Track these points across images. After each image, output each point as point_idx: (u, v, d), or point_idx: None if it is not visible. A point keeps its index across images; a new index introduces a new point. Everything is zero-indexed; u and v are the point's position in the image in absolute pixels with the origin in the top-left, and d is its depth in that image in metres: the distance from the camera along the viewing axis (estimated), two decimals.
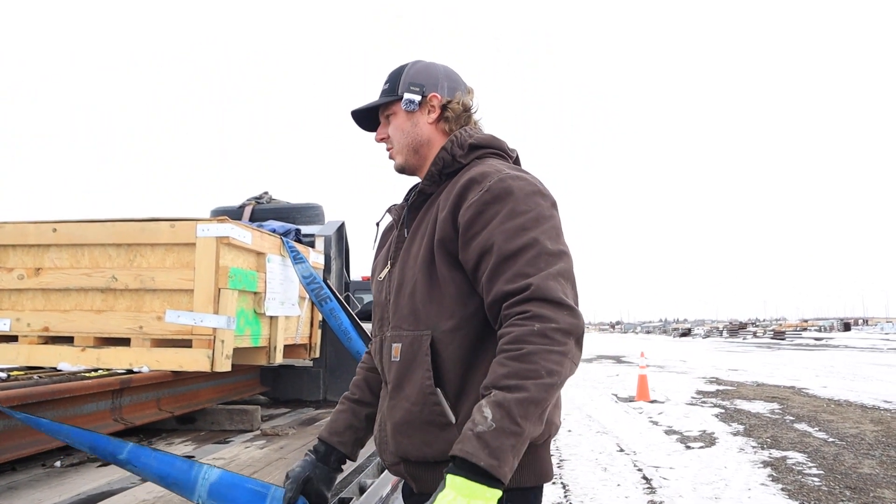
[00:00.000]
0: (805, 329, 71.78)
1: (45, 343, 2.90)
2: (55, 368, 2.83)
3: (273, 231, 3.48)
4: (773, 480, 5.88)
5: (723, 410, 10.26)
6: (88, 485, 2.08)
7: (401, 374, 1.47)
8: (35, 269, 2.90)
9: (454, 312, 1.43)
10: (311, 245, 3.99)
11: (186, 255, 2.82)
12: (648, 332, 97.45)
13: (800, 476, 6.00)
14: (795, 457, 6.81)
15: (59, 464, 2.35)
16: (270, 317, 3.30)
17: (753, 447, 7.35)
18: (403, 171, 1.66)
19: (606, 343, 47.21)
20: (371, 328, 1.69)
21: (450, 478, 1.20)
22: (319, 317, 3.97)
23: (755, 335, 60.91)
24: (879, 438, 7.68)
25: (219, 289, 2.78)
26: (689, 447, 7.47)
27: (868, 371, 17.68)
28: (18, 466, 2.28)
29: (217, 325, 2.76)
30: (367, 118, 1.69)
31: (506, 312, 1.34)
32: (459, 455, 1.20)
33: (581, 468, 6.41)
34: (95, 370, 2.80)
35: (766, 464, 6.53)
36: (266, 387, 4.14)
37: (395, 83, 1.62)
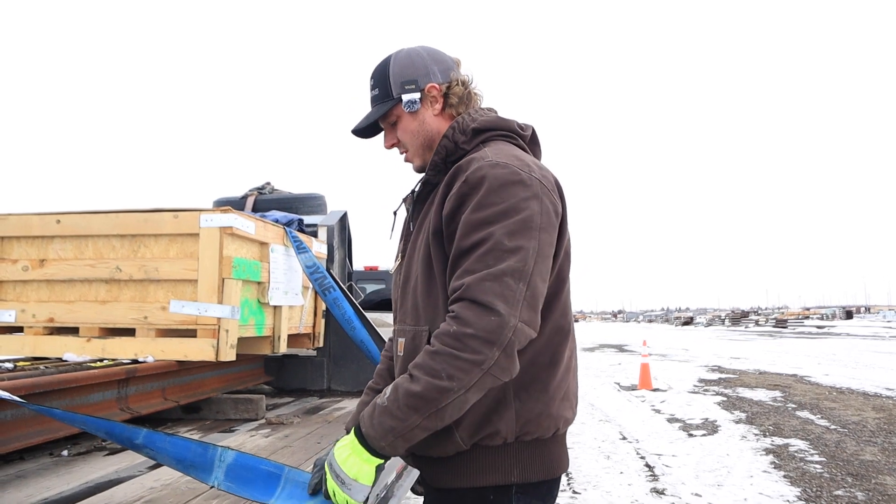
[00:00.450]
0: (807, 317, 71.83)
1: (51, 334, 2.92)
2: (60, 359, 2.85)
3: (276, 221, 3.49)
4: (776, 468, 5.90)
5: (725, 398, 10.28)
6: (96, 473, 2.10)
7: (403, 370, 1.41)
8: (39, 261, 2.91)
9: None
10: (314, 235, 4.00)
11: (190, 246, 2.83)
12: (650, 321, 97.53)
13: (802, 463, 6.02)
14: (797, 444, 6.82)
15: (67, 453, 2.37)
16: (274, 306, 3.32)
17: (756, 435, 7.37)
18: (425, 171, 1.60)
19: (608, 332, 47.24)
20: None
21: (352, 432, 1.32)
22: (323, 306, 3.98)
23: (757, 324, 60.93)
24: (881, 426, 7.70)
25: (223, 279, 2.79)
26: (692, 435, 7.49)
27: (870, 359, 17.68)
28: (26, 455, 2.30)
29: (221, 315, 2.78)
30: (368, 127, 1.60)
31: (447, 309, 1.33)
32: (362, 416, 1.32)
33: (584, 456, 6.43)
34: (101, 360, 2.81)
35: (769, 451, 6.55)
36: (270, 376, 4.16)
37: (386, 85, 1.54)
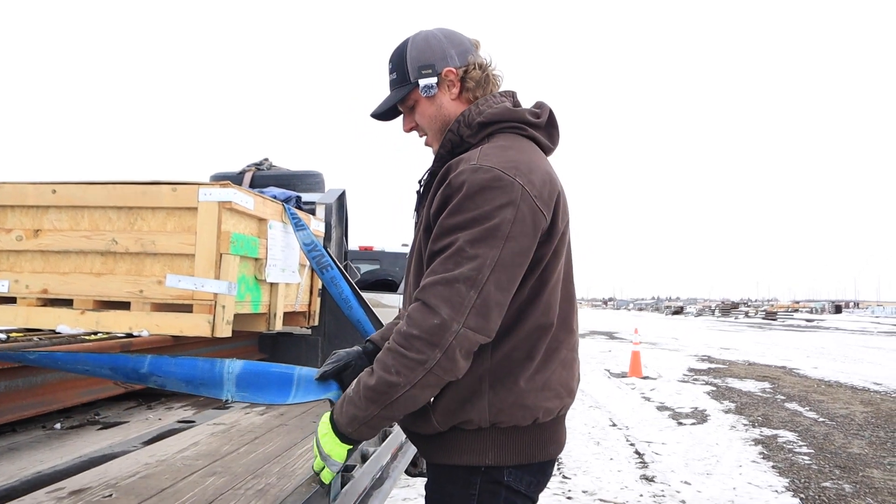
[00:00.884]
0: (797, 310, 72.35)
1: (44, 305, 2.87)
2: (54, 331, 2.81)
3: (274, 198, 3.44)
4: (764, 458, 5.94)
5: (714, 388, 10.34)
6: (89, 447, 2.07)
7: None
8: (34, 231, 2.86)
9: None
10: (312, 213, 3.95)
11: (188, 220, 2.78)
12: (641, 310, 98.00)
13: (790, 454, 6.07)
14: (786, 435, 6.87)
15: (60, 426, 2.34)
16: (271, 283, 3.28)
17: (745, 425, 7.42)
18: None
19: (599, 319, 47.43)
20: None
21: (331, 413, 1.44)
22: (319, 284, 3.95)
23: (747, 315, 61.31)
24: (869, 419, 7.76)
25: (220, 254, 2.75)
26: (681, 423, 7.53)
27: (858, 353, 17.83)
28: (19, 428, 2.26)
29: (218, 291, 2.74)
30: (387, 111, 1.65)
31: None
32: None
33: (574, 441, 6.45)
34: (95, 333, 2.78)
35: (758, 442, 6.59)
36: (264, 354, 4.13)
37: (403, 70, 1.58)
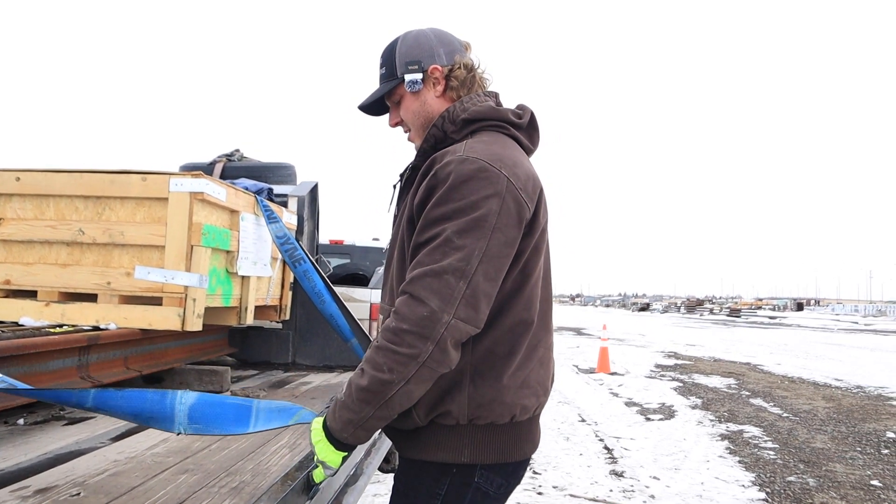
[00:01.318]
0: (760, 307, 73.71)
1: (7, 297, 2.78)
2: (17, 323, 2.72)
3: (246, 189, 3.38)
4: (731, 453, 6.02)
5: (681, 384, 10.47)
6: (55, 444, 2.01)
7: None
8: None
9: None
10: (284, 205, 3.90)
11: (158, 210, 2.71)
12: (608, 306, 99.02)
13: (756, 449, 6.16)
14: (752, 431, 6.98)
15: (23, 421, 2.26)
16: (242, 277, 3.22)
17: (711, 420, 7.52)
18: None
19: (567, 315, 47.78)
20: None
21: (324, 419, 1.40)
22: (290, 278, 3.90)
23: (712, 312, 62.32)
24: (831, 415, 7.92)
25: (191, 246, 2.69)
26: (649, 419, 7.61)
27: (820, 350, 18.22)
28: None
29: (189, 283, 2.68)
30: (375, 105, 1.66)
31: None
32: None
33: (544, 437, 6.46)
34: (60, 326, 2.70)
35: (724, 437, 6.69)
36: (234, 348, 4.07)
37: (392, 65, 1.59)
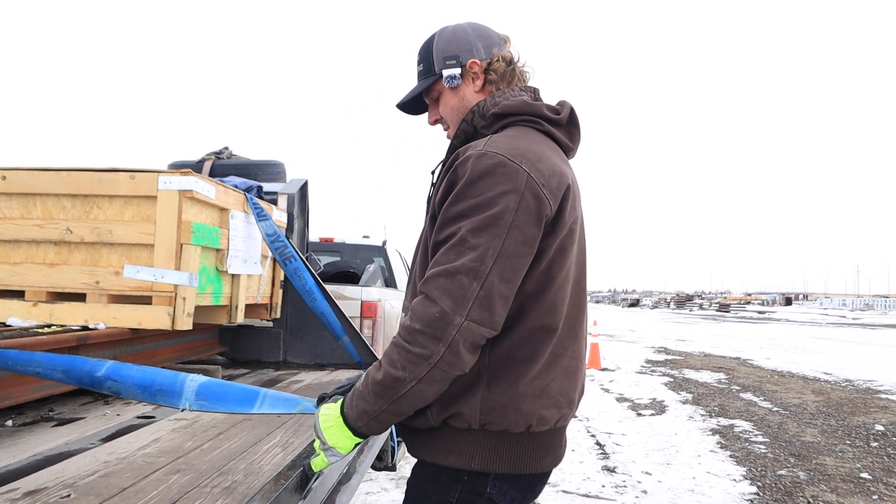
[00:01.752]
0: (749, 302, 74.10)
1: None
2: (4, 323, 2.69)
3: (235, 187, 3.36)
4: (722, 447, 6.05)
5: (672, 379, 10.51)
6: (44, 445, 1.98)
7: None
8: None
9: None
10: (274, 203, 3.87)
11: (147, 209, 2.69)
12: (598, 302, 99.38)
13: (747, 443, 6.20)
14: (742, 425, 7.02)
15: (11, 423, 2.24)
16: (232, 275, 3.20)
17: (702, 415, 7.56)
18: None
19: None
20: None
21: (341, 402, 1.40)
22: (280, 276, 3.88)
23: (701, 307, 62.60)
24: (820, 408, 7.97)
25: (181, 244, 2.67)
26: (641, 414, 7.64)
27: (809, 344, 18.35)
28: None
29: (179, 282, 2.66)
30: (414, 103, 1.64)
31: None
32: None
33: None
34: (48, 326, 2.67)
35: (715, 431, 6.72)
36: (224, 347, 4.04)
37: (429, 61, 1.57)
